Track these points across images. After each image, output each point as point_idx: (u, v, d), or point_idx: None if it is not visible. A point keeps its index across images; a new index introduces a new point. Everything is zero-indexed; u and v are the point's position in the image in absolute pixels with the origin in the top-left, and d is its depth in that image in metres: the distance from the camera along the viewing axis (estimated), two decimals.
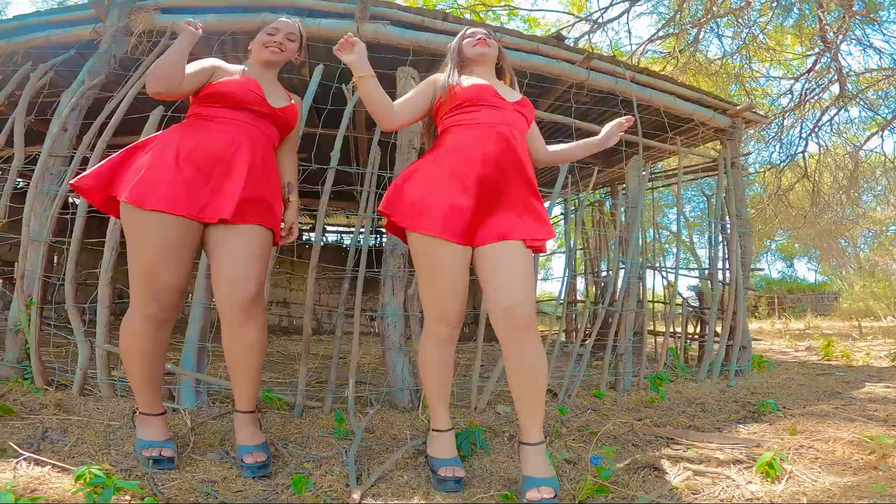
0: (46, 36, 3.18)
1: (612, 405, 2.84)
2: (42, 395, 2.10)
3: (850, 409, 2.76)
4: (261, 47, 1.77)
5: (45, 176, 2.41)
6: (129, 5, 3.03)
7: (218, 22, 3.00)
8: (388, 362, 2.28)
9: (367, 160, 2.41)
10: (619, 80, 3.31)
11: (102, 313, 2.12)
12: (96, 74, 2.83)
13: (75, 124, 2.64)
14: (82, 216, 2.25)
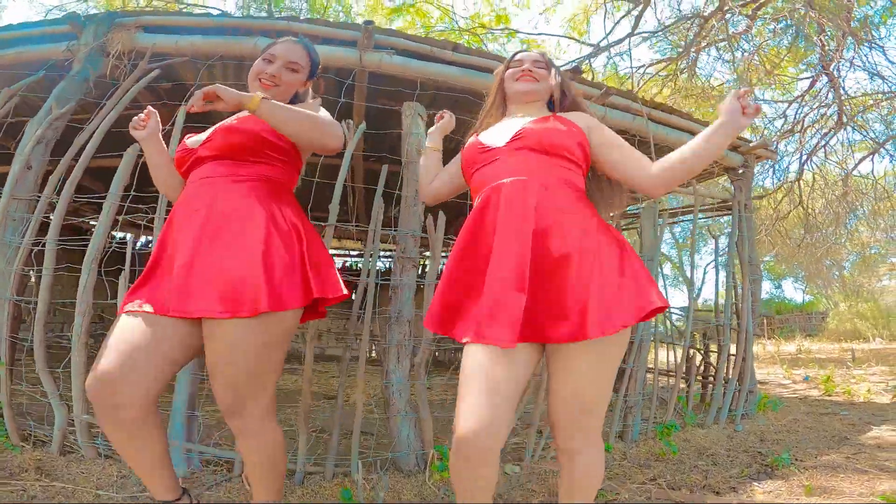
0: (17, 53, 2.99)
1: (622, 459, 2.83)
2: (20, 453, 2.02)
3: (860, 458, 2.83)
4: (252, 80, 1.50)
5: (7, 223, 2.23)
6: (107, 21, 2.86)
7: (205, 44, 2.86)
8: (392, 427, 2.21)
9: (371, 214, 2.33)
10: (636, 117, 3.31)
11: (77, 383, 1.99)
12: (66, 101, 2.62)
13: (41, 161, 2.44)
14: (49, 274, 2.11)
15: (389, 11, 8.24)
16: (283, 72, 1.49)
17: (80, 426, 2.03)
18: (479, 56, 2.94)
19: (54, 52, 2.91)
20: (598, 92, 3.12)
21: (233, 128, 1.42)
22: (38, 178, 2.41)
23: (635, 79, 6.58)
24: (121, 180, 2.14)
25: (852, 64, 6.54)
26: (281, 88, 1.49)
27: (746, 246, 3.71)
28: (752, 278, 3.69)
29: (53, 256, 2.14)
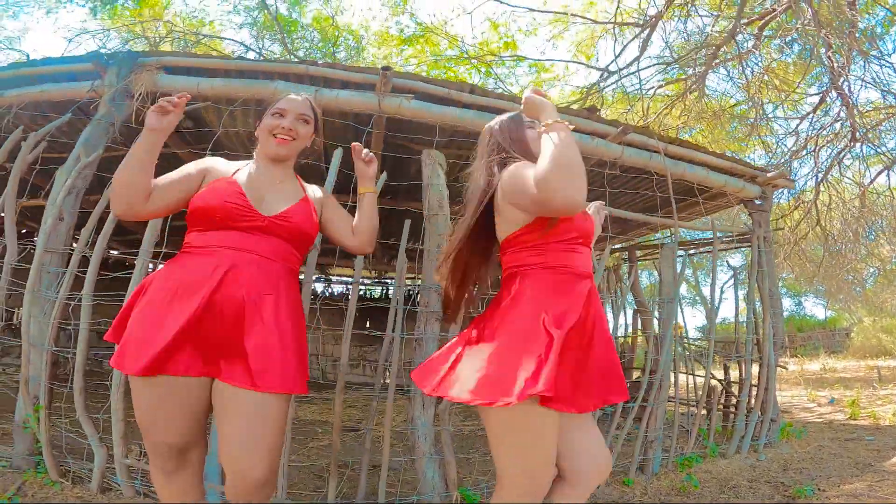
0: (41, 91, 3.07)
1: (643, 494, 2.88)
2: (59, 489, 2.14)
3: (883, 486, 2.86)
4: (267, 136, 1.53)
5: (42, 276, 2.34)
6: (129, 61, 2.92)
7: (226, 88, 2.94)
8: (418, 469, 2.30)
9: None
10: (653, 155, 3.38)
11: (117, 427, 2.11)
12: (93, 147, 2.69)
13: (72, 211, 2.51)
14: (86, 328, 2.24)
15: (399, 41, 8.52)
16: (298, 124, 1.54)
17: (119, 467, 2.14)
18: (495, 98, 3.05)
19: (78, 91, 3.00)
20: (615, 130, 3.22)
21: (310, 219, 1.52)
22: (70, 229, 2.50)
23: (645, 102, 6.71)
24: (152, 235, 2.27)
25: (863, 81, 6.64)
26: (297, 142, 1.56)
27: (767, 280, 3.76)
28: (773, 312, 3.74)
29: (89, 312, 2.25)
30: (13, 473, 2.30)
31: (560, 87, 9.35)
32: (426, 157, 2.66)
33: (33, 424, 2.24)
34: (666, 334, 3.16)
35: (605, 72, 6.87)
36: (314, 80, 2.98)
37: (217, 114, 3.26)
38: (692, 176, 3.59)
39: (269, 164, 1.55)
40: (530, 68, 8.63)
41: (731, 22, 6.68)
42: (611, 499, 2.76)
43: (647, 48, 6.83)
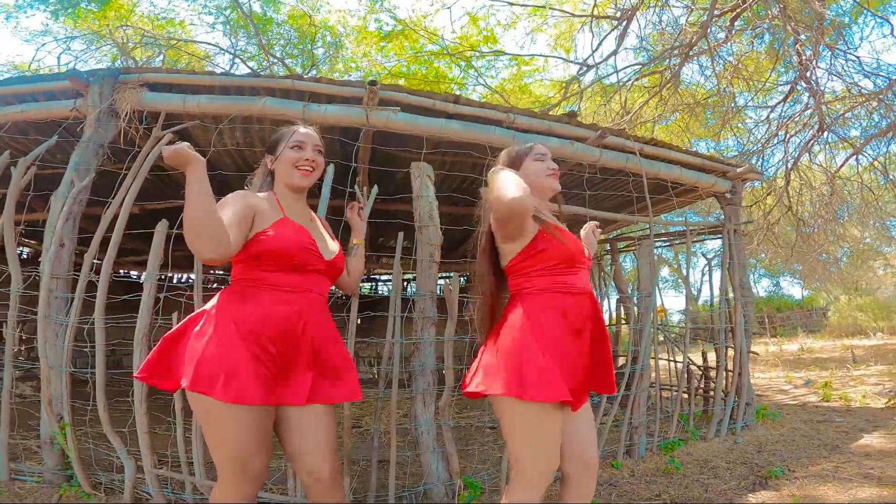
0: (22, 112, 3.07)
1: (630, 476, 3.14)
2: (96, 501, 2.33)
3: (848, 467, 3.16)
4: (289, 168, 1.66)
5: (51, 301, 2.47)
6: (110, 79, 2.93)
7: (212, 106, 2.97)
8: (423, 462, 2.52)
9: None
10: (629, 157, 3.60)
11: (143, 440, 2.28)
12: (85, 172, 2.74)
13: (72, 237, 2.60)
14: (102, 350, 2.38)
15: (379, 38, 8.59)
16: (315, 155, 1.71)
17: (150, 478, 2.31)
18: (478, 107, 3.22)
19: (60, 111, 3.01)
20: (593, 134, 3.43)
21: (343, 258, 1.77)
22: (71, 254, 2.61)
23: (623, 94, 6.97)
24: (156, 257, 2.41)
25: (829, 73, 7.01)
26: (316, 171, 1.73)
27: (737, 271, 4.05)
28: (744, 301, 4.04)
29: (103, 334, 2.40)
30: (47, 488, 2.48)
31: (540, 78, 9.61)
32: (415, 169, 2.80)
33: (61, 441, 2.39)
34: (645, 326, 3.42)
35: (584, 66, 7.09)
36: (301, 94, 3.07)
37: (204, 131, 3.36)
38: (667, 174, 3.84)
39: (291, 193, 1.70)
40: (511, 61, 8.83)
41: (704, 13, 6.95)
42: (600, 481, 3.01)
43: (623, 41, 7.09)
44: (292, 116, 2.96)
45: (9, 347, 2.56)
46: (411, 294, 2.68)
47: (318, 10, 9.56)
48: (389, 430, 2.50)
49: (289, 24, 9.64)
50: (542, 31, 8.15)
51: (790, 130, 7.58)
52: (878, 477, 2.92)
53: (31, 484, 2.56)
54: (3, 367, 2.57)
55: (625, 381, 3.31)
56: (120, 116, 2.93)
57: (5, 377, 2.57)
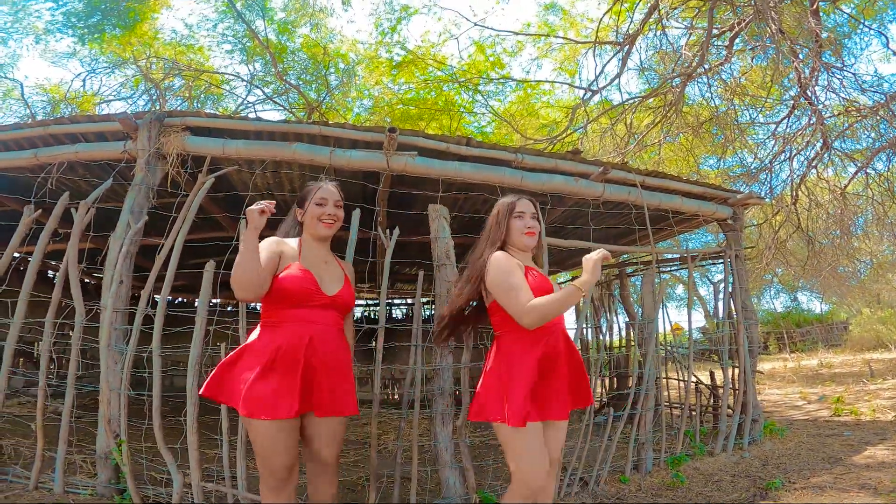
0: (76, 152, 3.44)
1: (637, 490, 3.41)
2: None
3: (847, 478, 3.38)
4: (314, 222, 2.06)
5: (112, 333, 2.84)
6: (157, 122, 3.28)
7: (248, 150, 3.35)
8: (441, 477, 2.84)
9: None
10: (631, 190, 3.90)
11: (193, 456, 2.63)
12: (139, 215, 3.11)
13: (128, 274, 2.97)
14: (158, 376, 2.75)
15: (390, 66, 9.09)
16: (336, 210, 2.12)
17: (196, 490, 2.64)
18: (489, 149, 3.58)
19: (112, 153, 3.39)
20: (597, 170, 3.75)
21: (352, 293, 2.14)
22: (128, 291, 2.99)
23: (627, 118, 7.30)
24: (206, 296, 2.79)
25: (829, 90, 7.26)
26: (337, 223, 2.13)
27: (740, 294, 4.33)
28: (747, 323, 4.32)
29: (160, 362, 2.77)
30: (100, 500, 2.80)
31: (547, 100, 10.00)
32: (432, 212, 3.16)
33: (117, 457, 2.72)
34: (648, 351, 3.72)
35: (588, 91, 7.47)
36: (326, 139, 3.45)
37: (238, 174, 3.77)
38: (668, 205, 4.15)
39: (316, 242, 2.11)
40: (518, 85, 9.24)
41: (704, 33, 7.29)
42: (608, 495, 3.29)
43: (626, 64, 7.44)
44: (320, 162, 3.36)
45: (72, 370, 2.91)
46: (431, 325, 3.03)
47: (330, 39, 10.13)
48: (410, 447, 2.83)
49: (303, 51, 10.19)
50: (546, 57, 8.59)
51: (795, 147, 7.83)
52: (875, 487, 3.12)
53: (84, 496, 2.82)
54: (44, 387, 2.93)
55: (630, 401, 3.61)
56: (167, 159, 3.29)
57: (66, 397, 2.90)
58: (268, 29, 9.91)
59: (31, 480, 2.90)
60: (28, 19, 10.17)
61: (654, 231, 4.69)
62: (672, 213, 4.25)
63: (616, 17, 8.08)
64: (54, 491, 2.85)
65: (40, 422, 2.97)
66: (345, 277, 2.14)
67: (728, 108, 7.46)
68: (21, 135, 3.59)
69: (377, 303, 9.30)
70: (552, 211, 4.38)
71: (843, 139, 8.16)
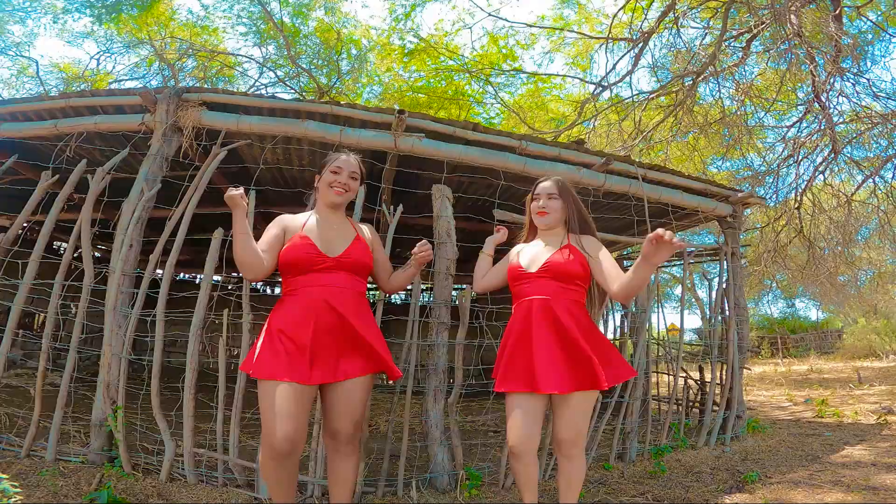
0: (95, 123, 3.52)
1: (620, 477, 3.49)
2: (134, 481, 2.68)
3: (822, 475, 3.44)
4: (326, 189, 2.06)
5: (119, 296, 2.88)
6: (175, 97, 3.36)
7: (261, 126, 3.41)
8: (430, 453, 2.91)
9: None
10: (633, 182, 3.93)
11: (188, 423, 2.70)
12: (153, 182, 3.17)
13: (139, 239, 3.02)
14: (160, 340, 2.81)
15: (402, 54, 9.07)
16: (350, 181, 2.11)
17: (188, 458, 2.70)
18: (495, 135, 3.61)
19: (130, 125, 3.46)
20: (599, 160, 3.79)
21: (366, 253, 2.09)
22: (137, 255, 3.04)
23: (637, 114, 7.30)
24: (212, 263, 2.85)
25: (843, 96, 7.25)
26: (349, 194, 2.12)
27: (733, 291, 4.37)
28: (738, 320, 4.36)
29: (162, 326, 2.83)
30: (90, 468, 2.81)
31: (557, 94, 9.96)
32: (436, 191, 3.19)
33: (112, 424, 2.77)
34: (640, 340, 3.79)
35: (599, 86, 7.46)
36: (338, 118, 3.51)
37: (249, 148, 3.82)
38: (669, 199, 4.18)
39: (328, 210, 2.11)
40: (529, 78, 9.21)
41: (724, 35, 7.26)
42: (592, 480, 3.38)
43: (638, 62, 7.42)
44: (330, 139, 3.41)
45: (76, 334, 2.95)
46: (428, 301, 3.10)
47: (344, 24, 10.10)
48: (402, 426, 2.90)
49: (316, 35, 10.17)
50: (559, 51, 8.55)
51: (804, 151, 7.82)
52: (848, 484, 3.19)
53: (74, 464, 2.82)
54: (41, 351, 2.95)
55: (617, 390, 3.68)
56: (183, 132, 3.36)
57: (67, 362, 2.95)
58: (283, 11, 9.91)
59: (23, 448, 2.91)
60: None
61: (654, 226, 4.73)
62: (672, 207, 4.29)
63: (632, 14, 8.04)
64: (46, 458, 2.85)
65: (40, 387, 2.97)
66: (356, 237, 2.09)
67: (739, 109, 7.43)
68: (43, 106, 3.70)
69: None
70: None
71: (854, 146, 8.14)
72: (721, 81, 7.98)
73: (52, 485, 2.56)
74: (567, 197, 2.25)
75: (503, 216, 3.35)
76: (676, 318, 37.91)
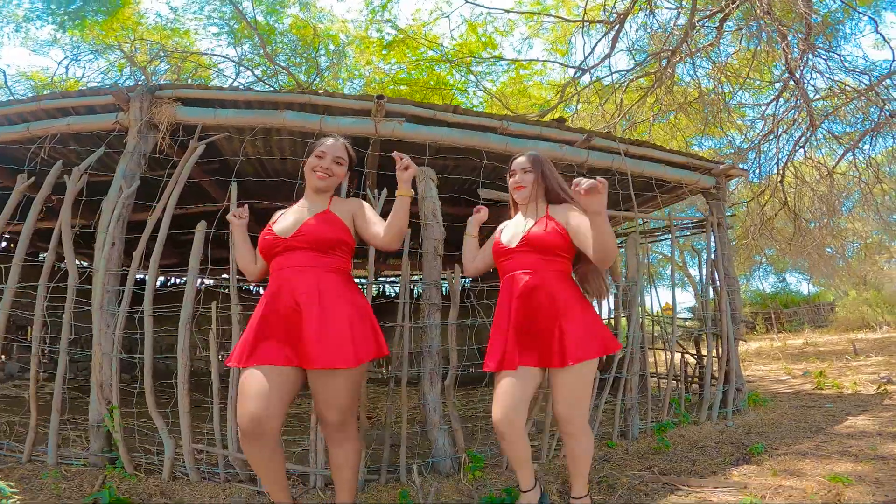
0: (68, 125, 3.44)
1: (625, 454, 3.47)
2: (137, 481, 2.66)
3: (828, 445, 3.43)
4: (310, 173, 2.03)
5: (105, 294, 2.83)
6: (148, 94, 3.29)
7: (238, 119, 3.37)
8: (431, 438, 2.87)
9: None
10: (615, 157, 3.94)
11: (184, 420, 2.63)
12: (131, 180, 3.10)
13: (121, 237, 2.97)
14: (150, 336, 2.74)
15: (380, 46, 9.00)
16: (333, 166, 2.05)
17: (187, 454, 2.65)
18: (475, 116, 3.59)
19: (104, 124, 3.38)
20: (581, 137, 3.80)
21: (327, 225, 1.98)
22: (121, 254, 2.98)
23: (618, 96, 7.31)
24: (197, 255, 2.79)
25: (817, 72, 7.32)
26: (333, 179, 2.05)
27: (722, 262, 4.38)
28: (729, 290, 4.36)
29: (151, 322, 2.76)
30: (92, 470, 2.79)
31: (539, 81, 9.96)
32: (419, 173, 3.10)
33: (109, 424, 2.72)
34: (633, 313, 3.77)
35: (578, 69, 7.46)
36: (316, 108, 3.46)
37: (229, 141, 3.75)
38: (651, 172, 4.20)
39: (313, 194, 2.07)
40: (509, 65, 9.18)
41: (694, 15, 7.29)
42: (596, 457, 3.35)
43: (616, 44, 7.43)
44: (310, 128, 3.36)
45: (64, 335, 2.89)
46: (418, 291, 3.06)
47: (320, 19, 10.00)
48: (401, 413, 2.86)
49: (292, 33, 10.07)
50: (538, 36, 8.54)
51: (783, 127, 7.89)
52: (856, 454, 3.17)
53: (76, 467, 2.81)
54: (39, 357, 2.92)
55: (614, 366, 3.66)
56: (159, 129, 3.31)
57: (59, 365, 2.89)
58: (256, 10, 9.77)
59: (24, 453, 2.90)
60: (7, 7, 9.98)
61: (640, 203, 4.73)
62: (656, 181, 4.30)
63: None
64: (47, 463, 2.85)
65: (34, 390, 2.93)
66: (318, 213, 2.03)
67: (716, 87, 7.48)
68: (14, 110, 3.60)
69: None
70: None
71: (832, 121, 8.23)
72: (698, 61, 8.04)
73: (55, 488, 2.56)
74: (539, 168, 2.23)
75: (488, 194, 3.32)
76: (670, 298, 38.21)
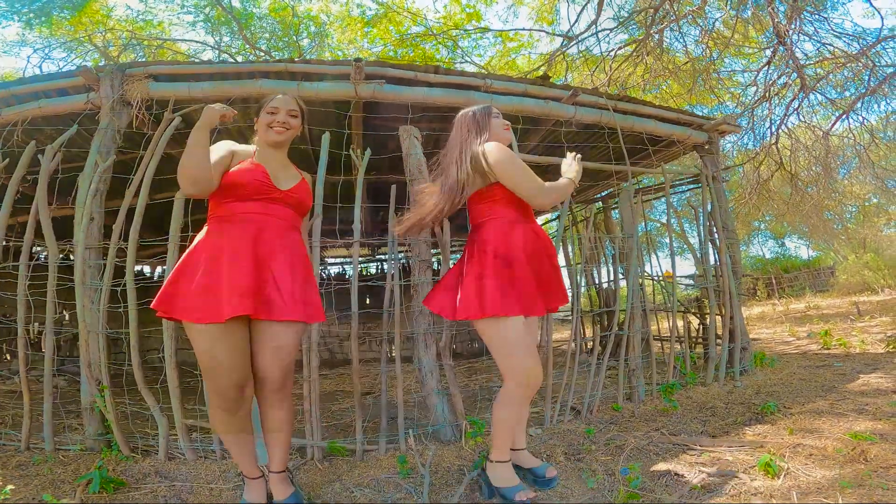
0: (39, 107, 3.40)
1: (631, 417, 3.38)
2: (133, 462, 2.61)
3: (843, 404, 3.31)
4: (265, 129, 2.01)
5: (86, 270, 2.76)
6: (119, 73, 3.26)
7: (214, 90, 3.30)
8: (429, 404, 2.78)
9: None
10: (604, 112, 3.86)
11: (174, 393, 2.55)
12: (106, 154, 3.07)
13: (99, 211, 2.92)
14: (134, 308, 2.65)
15: (363, 24, 8.81)
16: (289, 118, 2.04)
17: (181, 431, 2.59)
18: (457, 75, 3.52)
19: (76, 104, 3.35)
20: (567, 94, 3.71)
21: (309, 194, 2.10)
22: (100, 228, 2.92)
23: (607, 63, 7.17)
24: (178, 223, 2.69)
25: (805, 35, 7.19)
26: (290, 132, 2.06)
27: (719, 214, 4.29)
28: (728, 242, 4.27)
29: (134, 295, 2.68)
30: (90, 454, 2.74)
31: (527, 53, 9.79)
32: (403, 132, 3.13)
33: (101, 404, 2.65)
34: (630, 265, 3.68)
35: (566, 38, 7.30)
36: (294, 75, 3.38)
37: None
38: (641, 127, 4.11)
39: (270, 149, 2.05)
40: (496, 38, 9.02)
41: None
42: (602, 419, 3.28)
43: (602, 9, 7.27)
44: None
45: (49, 315, 2.81)
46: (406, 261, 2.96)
47: (299, 0, 9.78)
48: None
49: (271, 16, 9.84)
50: (523, 4, 8.34)
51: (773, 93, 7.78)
52: (874, 412, 3.05)
53: (73, 452, 2.79)
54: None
55: (615, 323, 3.57)
56: (132, 105, 3.27)
57: (46, 345, 2.82)
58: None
59: (22, 441, 2.87)
60: None
61: (634, 162, 4.63)
62: (648, 136, 4.21)
63: None
64: (45, 449, 2.82)
65: (24, 374, 2.87)
66: (302, 180, 2.10)
67: (705, 52, 7.34)
68: None
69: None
70: (528, 137, 4.32)
71: (827, 86, 8.10)
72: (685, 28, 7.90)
73: (51, 472, 2.53)
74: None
75: None
76: (670, 267, 38.54)
